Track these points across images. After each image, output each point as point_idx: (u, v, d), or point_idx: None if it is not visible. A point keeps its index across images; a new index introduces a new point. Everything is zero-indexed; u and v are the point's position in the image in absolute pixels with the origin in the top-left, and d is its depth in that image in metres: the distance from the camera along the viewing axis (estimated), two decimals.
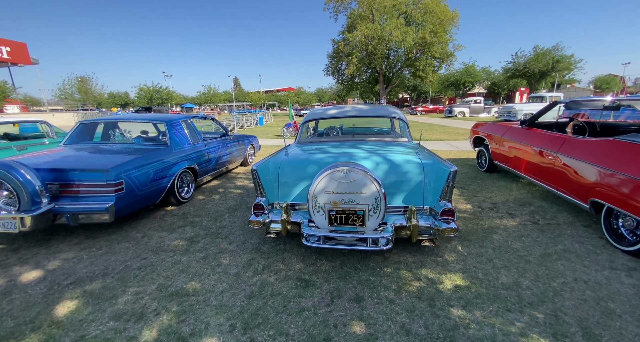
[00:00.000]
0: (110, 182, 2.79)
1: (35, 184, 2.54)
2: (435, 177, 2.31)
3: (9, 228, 2.55)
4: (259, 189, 2.50)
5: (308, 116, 3.82)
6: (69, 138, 3.90)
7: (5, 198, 2.60)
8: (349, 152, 2.76)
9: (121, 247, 2.71)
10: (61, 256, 2.57)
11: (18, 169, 2.51)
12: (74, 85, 40.53)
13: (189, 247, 2.69)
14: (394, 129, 5.18)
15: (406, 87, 50.93)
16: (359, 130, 5.42)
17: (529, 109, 15.37)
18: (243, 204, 3.83)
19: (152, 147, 3.65)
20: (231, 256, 2.50)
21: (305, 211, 2.46)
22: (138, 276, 2.23)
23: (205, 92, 52.54)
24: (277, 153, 2.99)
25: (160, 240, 2.84)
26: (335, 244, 2.20)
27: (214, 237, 2.86)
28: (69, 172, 2.78)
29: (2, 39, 19.09)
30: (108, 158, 3.13)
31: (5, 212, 2.58)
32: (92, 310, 1.85)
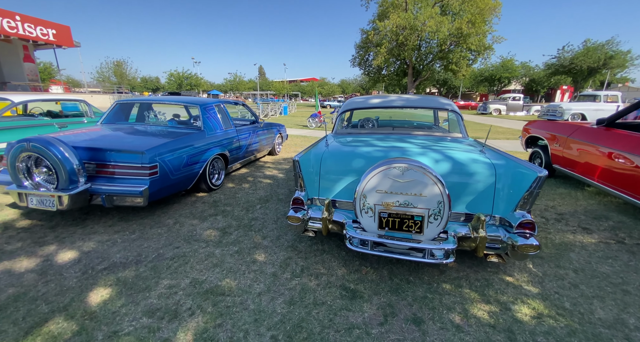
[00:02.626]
0: (145, 165, 2.69)
1: (73, 163, 2.47)
2: (512, 181, 1.95)
3: (48, 206, 2.53)
4: (299, 183, 2.26)
5: (348, 105, 3.52)
6: (105, 118, 3.88)
7: (45, 175, 2.56)
8: (399, 146, 2.44)
9: (154, 233, 2.62)
10: (96, 237, 2.52)
11: (57, 146, 2.45)
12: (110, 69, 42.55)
13: (221, 238, 2.54)
14: (437, 123, 4.75)
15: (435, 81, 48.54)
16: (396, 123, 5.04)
17: (578, 109, 13.94)
18: (274, 195, 3.65)
19: (185, 131, 3.53)
20: (266, 252, 2.32)
21: (347, 209, 2.21)
22: (171, 266, 2.10)
23: (231, 80, 53.24)
24: (317, 144, 2.74)
25: (192, 228, 2.72)
26: (384, 251, 1.93)
27: (247, 230, 2.69)
28: (105, 152, 2.70)
29: (49, 22, 20.15)
30: (143, 140, 3.03)
31: (44, 189, 2.55)
32: (125, 302, 1.74)
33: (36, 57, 23.44)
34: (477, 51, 29.72)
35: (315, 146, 2.59)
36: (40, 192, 2.49)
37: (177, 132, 3.45)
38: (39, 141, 2.41)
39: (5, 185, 2.70)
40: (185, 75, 42.51)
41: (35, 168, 2.56)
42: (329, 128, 11.20)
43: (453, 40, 28.65)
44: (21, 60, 21.06)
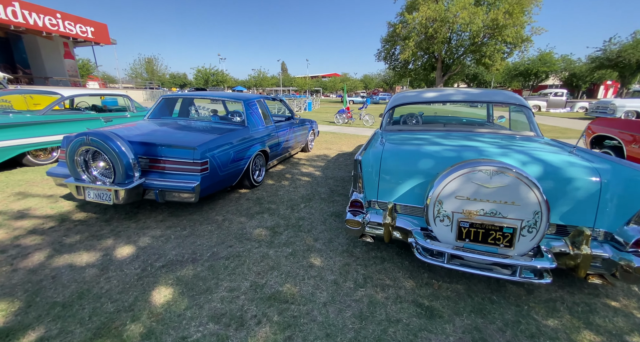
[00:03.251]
0: (197, 161, 2.63)
1: (130, 157, 2.46)
2: (625, 191, 1.65)
3: (104, 199, 2.55)
4: (358, 184, 2.08)
5: (398, 99, 3.27)
6: (152, 112, 3.91)
7: (101, 169, 2.58)
8: (472, 145, 2.19)
9: (204, 230, 2.56)
10: (149, 232, 2.50)
11: (114, 140, 2.44)
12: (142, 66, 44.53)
13: (272, 238, 2.43)
14: (490, 119, 4.38)
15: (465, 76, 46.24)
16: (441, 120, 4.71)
17: (633, 106, 12.61)
18: (316, 194, 3.51)
19: (231, 127, 3.46)
20: (321, 256, 2.18)
21: (411, 214, 2.00)
22: (228, 267, 2.02)
23: (255, 76, 53.94)
24: (371, 141, 2.54)
25: (241, 226, 2.64)
26: (461, 264, 1.71)
27: (297, 230, 2.57)
28: (158, 146, 2.67)
29: (87, 19, 21.25)
30: (193, 135, 2.98)
31: (100, 183, 2.57)
32: (189, 304, 1.66)
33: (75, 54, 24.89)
34: (513, 44, 27.85)
35: (370, 144, 2.40)
36: (98, 186, 2.51)
37: (223, 127, 3.40)
38: (98, 135, 2.41)
39: (63, 178, 2.76)
40: (212, 71, 43.65)
41: (93, 162, 2.58)
42: (356, 124, 11.08)
43: (487, 33, 27.01)
44: (62, 56, 22.40)
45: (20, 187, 3.47)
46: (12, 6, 16.77)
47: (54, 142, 4.40)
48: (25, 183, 3.59)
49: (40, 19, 18.20)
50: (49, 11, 18.82)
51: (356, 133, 9.03)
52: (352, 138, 8.04)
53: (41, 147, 4.26)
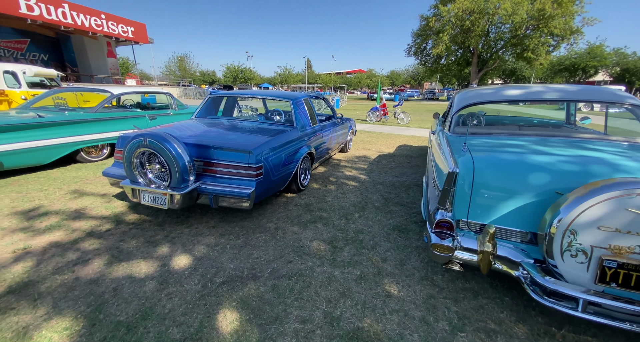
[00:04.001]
0: (252, 166, 2.45)
1: (186, 160, 2.33)
2: None
3: (159, 203, 2.44)
4: (448, 200, 1.75)
5: (470, 98, 2.87)
6: (199, 112, 3.82)
7: (157, 171, 2.47)
8: (594, 156, 1.77)
9: (259, 240, 2.38)
10: (203, 240, 2.37)
11: (171, 142, 2.31)
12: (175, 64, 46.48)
13: (333, 254, 2.19)
14: (570, 121, 3.82)
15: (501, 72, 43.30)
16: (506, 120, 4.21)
17: None
18: (368, 202, 3.22)
19: (280, 128, 3.26)
20: (397, 283, 1.89)
21: (512, 240, 1.66)
22: (293, 289, 1.80)
23: (281, 73, 54.37)
24: (447, 148, 2.18)
25: (296, 237, 2.43)
26: (595, 312, 1.34)
27: (358, 246, 2.31)
28: (211, 149, 2.52)
29: (128, 20, 22.34)
30: (246, 138, 2.81)
31: (154, 186, 2.47)
32: (260, 336, 1.46)
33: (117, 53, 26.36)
34: (560, 36, 25.53)
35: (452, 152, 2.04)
36: (153, 190, 2.41)
37: (272, 128, 3.20)
38: (155, 137, 2.30)
39: (118, 179, 2.70)
40: (240, 68, 44.56)
41: (148, 164, 2.48)
42: (391, 123, 10.58)
43: (531, 24, 24.94)
44: (105, 55, 23.78)
45: (75, 184, 3.53)
46: (62, 7, 17.95)
47: (105, 139, 4.49)
48: (79, 180, 3.65)
49: (87, 19, 19.38)
50: (94, 12, 19.97)
51: (393, 132, 8.59)
52: (389, 138, 7.63)
53: (93, 144, 4.36)
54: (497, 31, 27.84)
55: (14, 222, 2.55)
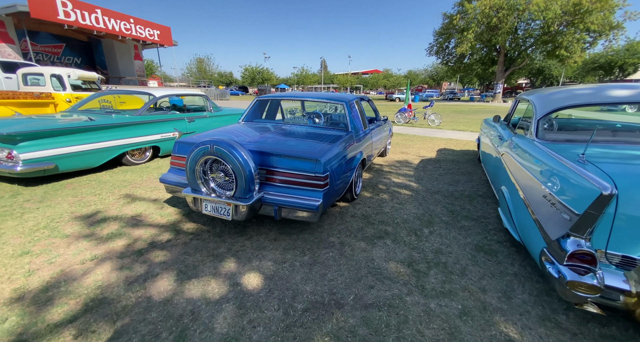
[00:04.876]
0: (319, 175, 2.28)
1: (252, 168, 2.19)
2: None
3: (222, 214, 2.32)
4: (589, 228, 1.39)
5: (567, 99, 2.54)
6: (247, 115, 3.70)
7: (220, 180, 2.35)
8: None
9: (327, 257, 2.20)
10: (268, 255, 2.22)
11: (239, 149, 2.18)
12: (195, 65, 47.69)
13: (419, 280, 1.95)
14: None
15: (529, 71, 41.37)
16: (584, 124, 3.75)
17: None
18: (432, 214, 2.96)
19: (337, 133, 3.08)
20: (513, 323, 1.60)
21: None
22: (389, 325, 1.59)
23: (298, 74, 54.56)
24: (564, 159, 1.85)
25: (367, 256, 2.23)
26: None
27: (445, 271, 2.05)
28: (274, 156, 2.37)
29: (154, 23, 23.02)
30: (309, 144, 2.64)
31: (214, 195, 2.35)
32: None
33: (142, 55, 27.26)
34: (598, 32, 23.98)
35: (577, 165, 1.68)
36: (217, 199, 2.29)
37: (329, 134, 3.03)
38: (222, 144, 2.17)
39: (176, 186, 2.61)
40: (258, 69, 45.11)
41: (211, 172, 2.37)
42: (420, 124, 10.17)
43: (565, 20, 23.57)
44: (132, 58, 24.63)
45: (125, 188, 3.51)
46: (95, 13, 18.72)
47: (148, 142, 4.49)
48: (128, 184, 3.63)
49: (117, 24, 20.12)
50: (124, 17, 20.71)
51: (426, 135, 8.23)
52: (425, 141, 7.29)
53: (138, 147, 4.36)
54: (526, 28, 26.56)
55: (76, 229, 2.52)
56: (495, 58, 28.81)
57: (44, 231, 2.45)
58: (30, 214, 2.73)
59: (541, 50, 27.08)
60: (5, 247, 2.20)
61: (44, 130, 3.30)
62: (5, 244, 2.25)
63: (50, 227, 2.52)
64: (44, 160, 3.27)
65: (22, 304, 1.67)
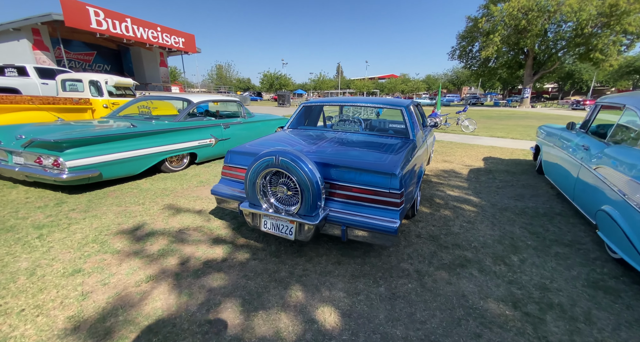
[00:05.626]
0: (395, 192, 1.98)
1: (320, 182, 1.93)
2: None
3: (284, 232, 2.07)
4: None
5: None
6: (292, 122, 3.48)
7: (282, 194, 2.10)
8: None
9: (406, 290, 1.89)
10: (337, 283, 1.94)
11: (305, 161, 1.94)
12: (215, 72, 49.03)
13: (539, 331, 1.55)
14: None
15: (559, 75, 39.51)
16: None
17: None
18: (514, 237, 2.59)
19: (399, 141, 2.79)
20: None
21: None
22: None
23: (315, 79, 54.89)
24: None
25: (455, 290, 1.89)
26: None
27: (564, 316, 1.64)
28: (340, 169, 2.10)
29: (180, 31, 23.77)
30: (376, 155, 2.36)
31: (272, 210, 2.11)
32: None
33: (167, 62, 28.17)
34: (636, 34, 22.56)
35: None
36: (278, 216, 2.04)
37: (392, 142, 2.74)
38: (289, 155, 1.93)
39: (229, 199, 2.40)
40: (276, 75, 45.73)
41: (271, 186, 2.13)
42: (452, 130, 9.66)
43: (600, 21, 22.32)
44: (158, 65, 25.51)
45: (167, 197, 3.36)
46: (125, 22, 19.52)
47: (186, 149, 4.37)
48: (170, 193, 3.49)
49: (145, 32, 20.90)
50: (151, 25, 21.50)
51: (464, 141, 7.77)
52: (465, 148, 6.85)
53: (177, 154, 4.25)
54: (557, 30, 25.41)
55: (125, 244, 2.35)
56: (523, 61, 27.67)
57: (93, 246, 2.30)
58: (77, 225, 2.60)
59: (573, 53, 25.76)
60: (55, 264, 2.05)
61: (89, 137, 3.21)
62: (54, 260, 2.10)
63: (99, 241, 2.36)
64: (89, 167, 3.17)
65: (78, 338, 1.47)
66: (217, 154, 5.10)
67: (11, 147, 3.17)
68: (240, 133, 5.50)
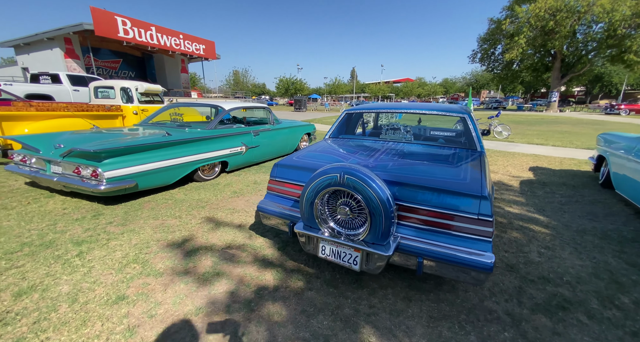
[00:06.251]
0: (486, 218, 1.66)
1: (393, 204, 1.66)
2: None
3: (347, 262, 1.79)
4: None
5: None
6: (334, 131, 3.22)
7: (343, 216, 1.83)
8: None
9: (503, 339, 1.57)
10: (414, 327, 1.64)
11: (375, 180, 1.67)
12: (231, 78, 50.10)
13: None
14: None
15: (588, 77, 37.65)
16: None
17: None
18: (610, 269, 2.19)
19: (468, 154, 2.47)
20: None
21: None
22: None
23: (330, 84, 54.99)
24: None
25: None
26: None
27: None
28: (412, 188, 1.81)
29: (200, 38, 24.32)
30: (453, 172, 2.06)
31: (331, 235, 1.85)
32: None
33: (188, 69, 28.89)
34: None
35: None
36: (340, 242, 1.78)
37: (460, 155, 2.42)
38: (357, 173, 1.67)
39: (279, 218, 2.16)
40: (292, 80, 46.14)
41: (332, 207, 1.87)
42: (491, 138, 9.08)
43: (635, 22, 21.01)
44: (179, 71, 26.16)
45: (203, 209, 3.18)
46: (150, 30, 20.15)
47: (218, 157, 4.21)
48: (206, 205, 3.31)
49: (168, 40, 21.50)
50: (174, 33, 22.11)
51: (501, 149, 7.28)
52: (506, 156, 6.38)
53: (210, 162, 4.10)
54: (587, 31, 24.19)
55: (167, 265, 2.15)
56: (550, 64, 26.47)
57: (135, 266, 2.11)
58: (116, 242, 2.44)
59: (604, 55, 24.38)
60: (97, 288, 1.87)
61: (128, 147, 3.09)
62: (96, 283, 1.92)
63: (141, 261, 2.17)
64: (126, 178, 3.04)
65: None
66: (247, 162, 4.94)
67: (50, 157, 3.09)
68: (269, 140, 5.33)
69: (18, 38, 19.09)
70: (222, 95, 42.84)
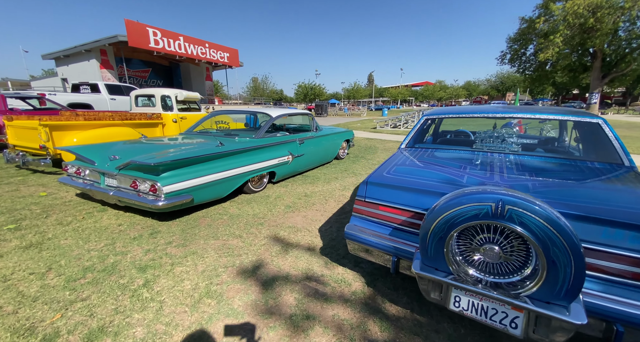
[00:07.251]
0: None
1: (581, 248, 1.22)
2: None
3: (501, 324, 1.34)
4: None
5: None
6: (410, 140, 2.84)
7: (490, 257, 1.42)
8: None
9: None
10: None
11: (552, 211, 1.23)
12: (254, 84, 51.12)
13: None
14: None
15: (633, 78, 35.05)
16: None
17: None
18: None
19: (620, 171, 1.98)
20: None
21: None
22: None
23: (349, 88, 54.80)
24: None
25: None
26: None
27: None
28: (594, 223, 1.35)
29: (225, 46, 24.84)
30: (626, 197, 1.59)
31: (480, 284, 1.44)
32: None
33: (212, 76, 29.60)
34: None
35: None
36: (488, 295, 1.34)
37: (614, 174, 1.93)
38: (523, 203, 1.24)
39: (376, 249, 1.79)
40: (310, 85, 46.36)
41: (470, 245, 1.47)
42: None
43: None
44: (204, 79, 26.83)
45: (262, 226, 2.89)
46: (178, 40, 20.78)
47: (268, 167, 3.94)
48: (264, 221, 3.02)
49: (195, 49, 22.12)
50: (201, 42, 22.73)
51: None
52: None
53: (260, 173, 3.83)
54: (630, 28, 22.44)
55: (245, 301, 1.83)
56: (588, 63, 24.77)
57: (210, 302, 1.81)
58: (181, 267, 2.17)
59: None
60: (174, 332, 1.58)
61: (185, 159, 2.87)
62: (172, 325, 1.63)
63: (215, 295, 1.88)
64: (183, 192, 2.81)
65: None
66: (292, 172, 4.65)
67: (105, 169, 2.92)
68: (313, 148, 5.03)
69: (59, 50, 20.29)
70: (242, 102, 43.67)
